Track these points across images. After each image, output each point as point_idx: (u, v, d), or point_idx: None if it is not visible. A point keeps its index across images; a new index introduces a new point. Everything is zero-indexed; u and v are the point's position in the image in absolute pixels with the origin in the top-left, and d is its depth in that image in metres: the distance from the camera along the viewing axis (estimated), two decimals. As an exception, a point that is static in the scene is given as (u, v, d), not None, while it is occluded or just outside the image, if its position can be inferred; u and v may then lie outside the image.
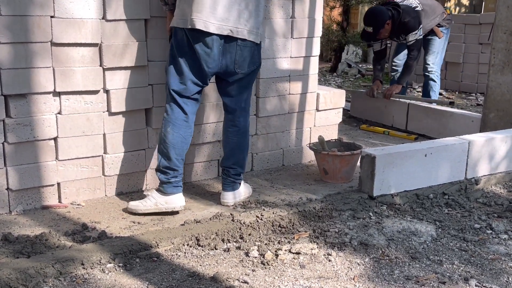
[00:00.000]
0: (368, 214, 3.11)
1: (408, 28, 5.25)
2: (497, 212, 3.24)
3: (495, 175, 3.72)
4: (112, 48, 3.13)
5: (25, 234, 2.72)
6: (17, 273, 2.26)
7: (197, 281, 2.37)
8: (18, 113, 2.94)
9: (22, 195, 3.06)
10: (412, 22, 5.25)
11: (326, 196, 3.33)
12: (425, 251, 2.71)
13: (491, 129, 4.24)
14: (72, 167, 3.17)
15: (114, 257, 2.48)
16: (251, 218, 2.90)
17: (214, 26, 2.86)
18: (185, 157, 3.15)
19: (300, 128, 4.09)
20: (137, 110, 3.33)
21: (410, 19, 5.24)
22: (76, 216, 3.02)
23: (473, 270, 2.53)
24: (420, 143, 3.67)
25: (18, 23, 2.85)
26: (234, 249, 2.68)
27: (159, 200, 3.03)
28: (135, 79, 3.26)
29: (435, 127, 5.00)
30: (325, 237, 2.82)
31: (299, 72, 3.96)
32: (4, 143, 2.94)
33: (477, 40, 7.92)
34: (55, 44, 2.98)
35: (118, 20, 3.13)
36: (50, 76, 2.99)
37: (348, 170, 3.67)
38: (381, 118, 5.54)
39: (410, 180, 3.35)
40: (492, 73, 4.35)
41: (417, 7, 5.33)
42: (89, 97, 3.14)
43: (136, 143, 3.36)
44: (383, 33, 5.29)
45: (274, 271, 2.47)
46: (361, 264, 2.56)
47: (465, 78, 8.16)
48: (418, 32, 5.29)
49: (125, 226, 2.92)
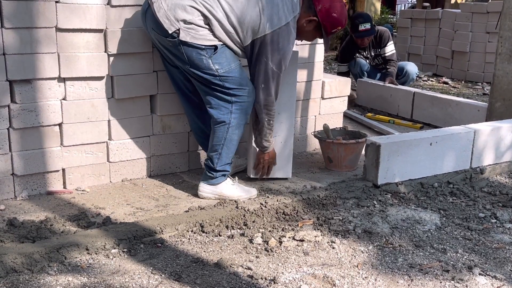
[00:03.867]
0: (373, 202, 3.11)
1: (384, 38, 5.87)
2: (501, 201, 3.23)
3: (500, 164, 3.71)
4: (117, 34, 3.12)
5: (30, 219, 2.73)
6: (22, 257, 2.27)
7: (201, 267, 2.38)
8: (23, 98, 2.94)
9: (27, 180, 3.07)
10: (387, 34, 5.90)
11: (330, 184, 3.33)
12: (429, 240, 2.70)
13: (497, 118, 4.21)
14: (77, 153, 3.18)
15: (118, 243, 2.49)
16: (255, 205, 2.90)
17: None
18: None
19: (305, 116, 4.08)
20: (142, 96, 3.32)
21: (385, 32, 5.93)
22: (80, 202, 3.03)
23: (477, 258, 2.53)
24: (426, 131, 3.65)
25: (23, 8, 2.84)
26: (238, 236, 2.69)
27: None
28: (140, 65, 3.25)
29: (440, 116, 4.98)
30: (329, 224, 2.82)
31: (304, 59, 3.94)
32: (9, 129, 2.95)
33: (484, 29, 7.86)
34: (60, 30, 2.97)
35: (123, 6, 3.11)
36: (55, 61, 2.98)
37: (353, 158, 3.66)
38: (387, 107, 5.53)
39: (415, 168, 3.34)
40: (499, 62, 4.32)
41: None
42: (94, 83, 3.14)
43: (140, 129, 3.36)
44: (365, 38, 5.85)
45: (277, 258, 2.48)
46: (365, 251, 2.56)
47: (472, 67, 8.11)
48: (392, 45, 5.94)
49: (130, 212, 2.93)
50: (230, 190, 3.13)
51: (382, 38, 5.89)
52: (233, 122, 3.05)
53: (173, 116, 3.46)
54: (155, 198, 3.14)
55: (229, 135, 3.07)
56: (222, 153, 3.09)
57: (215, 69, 2.95)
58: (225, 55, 2.98)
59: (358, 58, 6.10)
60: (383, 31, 5.93)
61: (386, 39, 5.88)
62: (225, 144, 3.08)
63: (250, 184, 3.33)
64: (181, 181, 3.42)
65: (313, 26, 3.14)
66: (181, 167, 3.59)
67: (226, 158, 3.12)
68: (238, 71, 3.02)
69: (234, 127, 3.06)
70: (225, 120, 3.04)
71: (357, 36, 5.82)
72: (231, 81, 2.99)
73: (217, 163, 3.10)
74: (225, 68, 2.97)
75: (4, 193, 3.01)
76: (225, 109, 3.03)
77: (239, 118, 3.06)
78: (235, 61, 3.03)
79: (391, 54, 5.91)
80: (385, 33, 5.91)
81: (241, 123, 3.09)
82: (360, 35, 5.79)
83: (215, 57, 2.94)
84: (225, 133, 3.06)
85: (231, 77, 2.99)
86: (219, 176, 3.13)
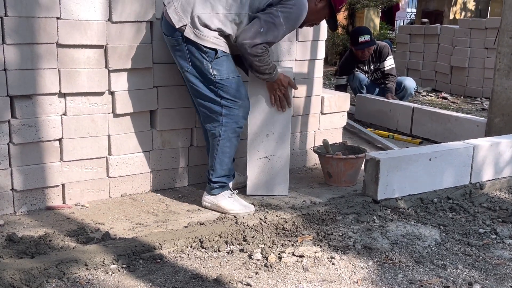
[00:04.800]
0: (372, 217, 3.10)
1: (383, 53, 5.94)
2: (501, 217, 3.23)
3: (500, 180, 3.70)
4: (117, 50, 3.14)
5: (29, 235, 2.73)
6: (21, 273, 2.26)
7: (200, 283, 2.37)
8: (24, 114, 2.95)
9: (27, 195, 3.06)
10: (387, 49, 5.97)
11: (330, 200, 3.33)
12: (429, 255, 2.70)
13: (496, 133, 4.22)
14: (76, 168, 3.18)
15: (117, 258, 2.48)
16: (254, 221, 2.89)
17: None
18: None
19: (305, 131, 4.09)
20: (142, 112, 3.34)
21: (385, 47, 6.00)
22: (80, 217, 3.03)
23: (477, 274, 2.52)
24: (425, 147, 3.66)
25: (24, 24, 2.86)
26: (238, 252, 2.68)
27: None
28: (140, 81, 3.27)
29: (440, 131, 4.98)
30: (328, 240, 2.81)
31: (303, 75, 3.96)
32: (9, 144, 2.95)
33: (483, 45, 7.90)
34: (60, 46, 2.99)
35: (123, 22, 3.14)
36: (56, 77, 3.00)
37: (352, 173, 3.66)
38: (386, 122, 5.54)
39: (414, 184, 3.34)
40: (498, 78, 4.34)
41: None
42: (94, 98, 3.15)
43: (140, 144, 3.37)
44: (366, 51, 5.90)
45: (277, 274, 2.47)
46: (365, 267, 2.56)
47: (471, 83, 8.13)
48: (392, 59, 5.99)
49: (129, 227, 2.92)
50: (227, 203, 3.15)
51: (382, 53, 5.95)
52: (223, 135, 3.11)
53: (173, 131, 3.47)
54: (155, 214, 3.13)
55: (220, 148, 3.13)
56: (216, 165, 3.15)
57: (213, 74, 3.02)
58: (226, 63, 3.05)
59: (357, 72, 6.14)
60: (383, 46, 5.99)
61: (386, 53, 5.93)
62: (217, 156, 3.14)
63: (249, 200, 3.33)
64: (180, 196, 3.42)
65: (324, 4, 3.22)
66: (180, 182, 3.59)
67: (220, 170, 3.16)
68: (235, 83, 3.07)
69: (225, 139, 3.12)
70: (215, 133, 3.11)
71: (357, 48, 5.85)
72: (225, 90, 3.05)
73: (213, 175, 3.17)
74: (223, 76, 3.04)
75: (3, 208, 3.01)
76: (216, 122, 3.10)
77: (229, 131, 3.11)
78: (234, 72, 3.09)
79: (390, 68, 5.95)
80: (384, 48, 5.96)
81: (231, 136, 3.13)
82: (361, 47, 5.82)
83: (215, 62, 3.02)
84: (216, 146, 3.13)
85: (227, 86, 3.05)
86: (216, 187, 3.17)
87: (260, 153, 3.38)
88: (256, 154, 3.37)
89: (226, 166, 3.17)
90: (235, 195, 3.22)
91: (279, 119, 3.33)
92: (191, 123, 3.52)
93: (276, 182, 3.43)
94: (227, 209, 3.12)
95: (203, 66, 3.02)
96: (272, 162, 3.39)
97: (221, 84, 3.04)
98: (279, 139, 3.37)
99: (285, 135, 3.38)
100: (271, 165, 3.39)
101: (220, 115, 3.08)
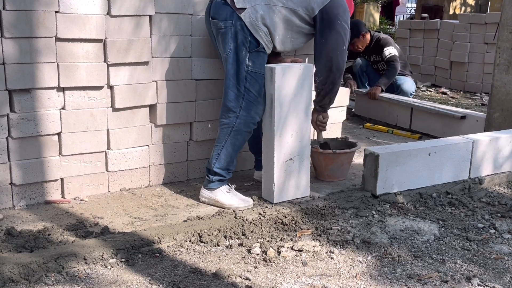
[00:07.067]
0: (371, 212, 3.11)
1: (382, 44, 5.87)
2: (500, 211, 3.23)
3: (499, 174, 3.71)
4: (116, 44, 3.13)
5: (28, 229, 2.73)
6: (20, 267, 2.27)
7: (199, 277, 2.37)
8: (22, 108, 2.94)
9: (26, 190, 3.06)
10: (386, 40, 5.90)
11: (329, 194, 3.33)
12: (427, 250, 2.70)
13: (496, 128, 4.22)
14: (75, 163, 3.18)
15: (116, 253, 2.49)
16: (253, 215, 2.90)
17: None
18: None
19: (304, 126, 4.07)
20: (141, 106, 3.33)
21: (384, 39, 5.92)
22: (79, 212, 3.03)
23: (475, 269, 2.52)
24: (424, 142, 3.65)
25: (23, 18, 2.85)
26: (237, 246, 2.68)
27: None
28: (139, 75, 3.26)
29: (439, 127, 4.98)
30: (327, 234, 2.82)
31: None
32: (8, 138, 2.95)
33: (483, 40, 7.89)
34: (59, 40, 2.98)
35: (122, 16, 3.13)
36: (54, 71, 2.99)
37: (334, 168, 3.59)
38: (385, 117, 5.54)
39: (413, 179, 3.34)
40: (497, 73, 4.33)
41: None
42: (93, 92, 3.15)
43: (139, 139, 3.36)
44: (357, 43, 5.88)
45: (276, 268, 2.47)
46: (364, 262, 2.56)
47: (470, 78, 8.13)
48: (392, 48, 5.87)
49: (128, 221, 2.92)
50: (225, 198, 3.15)
51: (380, 44, 5.89)
52: (237, 127, 3.12)
53: (172, 125, 3.46)
54: (154, 208, 3.14)
55: (230, 139, 3.13)
56: (221, 155, 3.15)
57: (246, 64, 3.06)
58: (263, 59, 3.12)
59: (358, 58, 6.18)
60: (382, 38, 5.93)
61: (384, 44, 5.86)
62: (225, 146, 3.14)
63: (249, 194, 3.33)
64: (179, 191, 3.42)
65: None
66: (179, 177, 3.59)
67: (224, 162, 3.15)
68: (262, 80, 3.09)
69: (236, 131, 3.12)
70: (229, 124, 3.12)
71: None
72: (253, 83, 3.08)
73: (215, 164, 3.15)
74: (256, 69, 3.08)
75: (2, 203, 3.01)
76: (232, 113, 3.11)
77: (243, 125, 3.11)
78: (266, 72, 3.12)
79: (390, 56, 5.82)
80: (383, 40, 5.90)
81: (244, 130, 3.14)
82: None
83: (253, 54, 3.07)
84: (227, 136, 3.13)
85: (255, 80, 3.08)
86: (216, 180, 3.16)
87: (285, 156, 3.14)
88: (282, 157, 3.12)
89: (231, 159, 3.18)
90: (233, 189, 3.22)
91: (300, 115, 3.15)
92: (190, 118, 3.51)
93: (301, 184, 3.25)
94: (225, 204, 3.12)
95: (241, 53, 3.06)
96: (296, 163, 3.20)
97: (251, 77, 3.07)
98: (302, 137, 3.18)
99: (307, 131, 3.20)
100: (295, 167, 3.19)
101: (239, 107, 3.10)
